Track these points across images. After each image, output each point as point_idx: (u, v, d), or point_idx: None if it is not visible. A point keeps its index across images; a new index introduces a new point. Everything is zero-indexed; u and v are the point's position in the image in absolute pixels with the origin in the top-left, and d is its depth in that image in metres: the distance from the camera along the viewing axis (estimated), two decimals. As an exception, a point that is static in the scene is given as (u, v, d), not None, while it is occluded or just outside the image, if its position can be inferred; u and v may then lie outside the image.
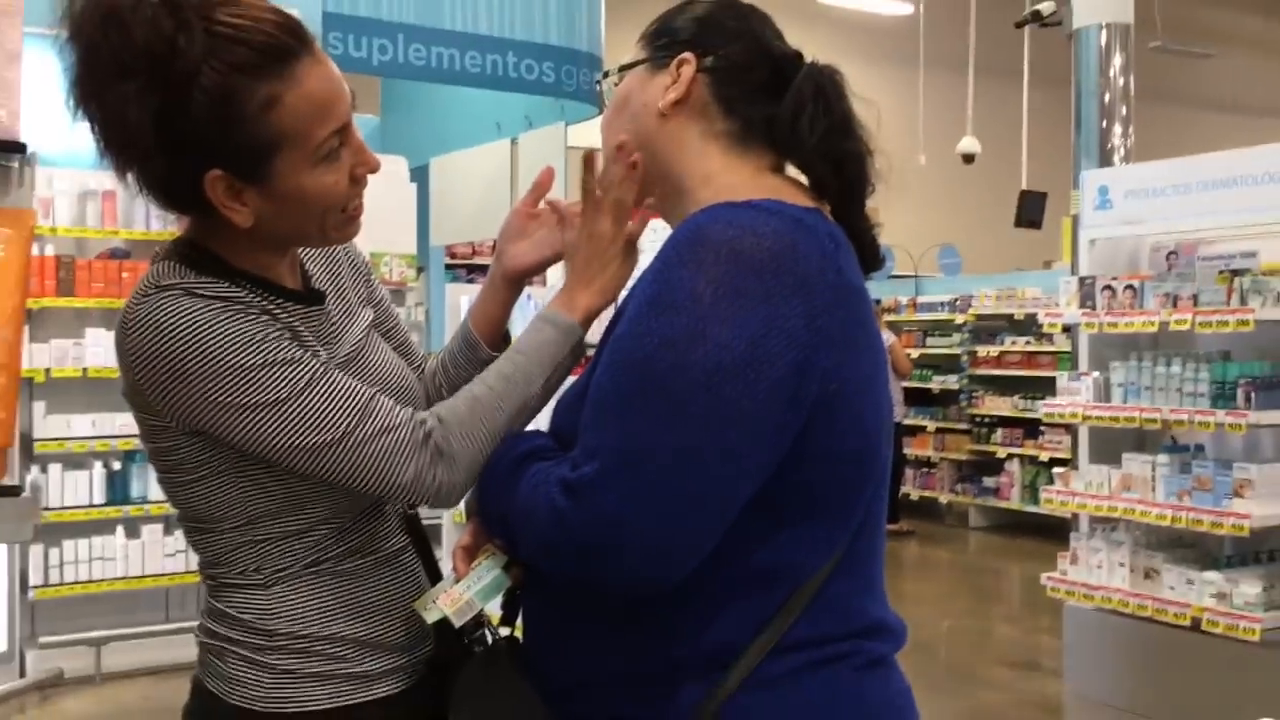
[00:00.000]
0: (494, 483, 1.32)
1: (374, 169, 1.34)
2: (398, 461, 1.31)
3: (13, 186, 1.02)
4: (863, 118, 1.35)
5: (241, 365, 1.26)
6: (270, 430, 1.27)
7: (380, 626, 1.42)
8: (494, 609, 1.39)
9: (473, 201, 7.27)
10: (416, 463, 1.31)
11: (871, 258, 1.35)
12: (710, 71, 1.35)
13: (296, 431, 1.28)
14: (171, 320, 1.26)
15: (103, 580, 5.25)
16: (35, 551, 5.12)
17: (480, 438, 1.34)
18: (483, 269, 8.87)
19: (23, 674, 5.07)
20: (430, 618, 1.36)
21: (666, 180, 1.38)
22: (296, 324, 1.36)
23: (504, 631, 1.39)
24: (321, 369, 1.31)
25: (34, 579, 5.14)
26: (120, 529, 5.30)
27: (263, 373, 1.27)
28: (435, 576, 1.50)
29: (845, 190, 1.33)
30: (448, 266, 8.47)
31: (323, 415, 1.28)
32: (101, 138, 1.28)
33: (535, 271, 1.57)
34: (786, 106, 1.33)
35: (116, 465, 5.31)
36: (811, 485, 1.22)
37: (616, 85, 1.43)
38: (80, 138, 1.30)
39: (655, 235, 4.47)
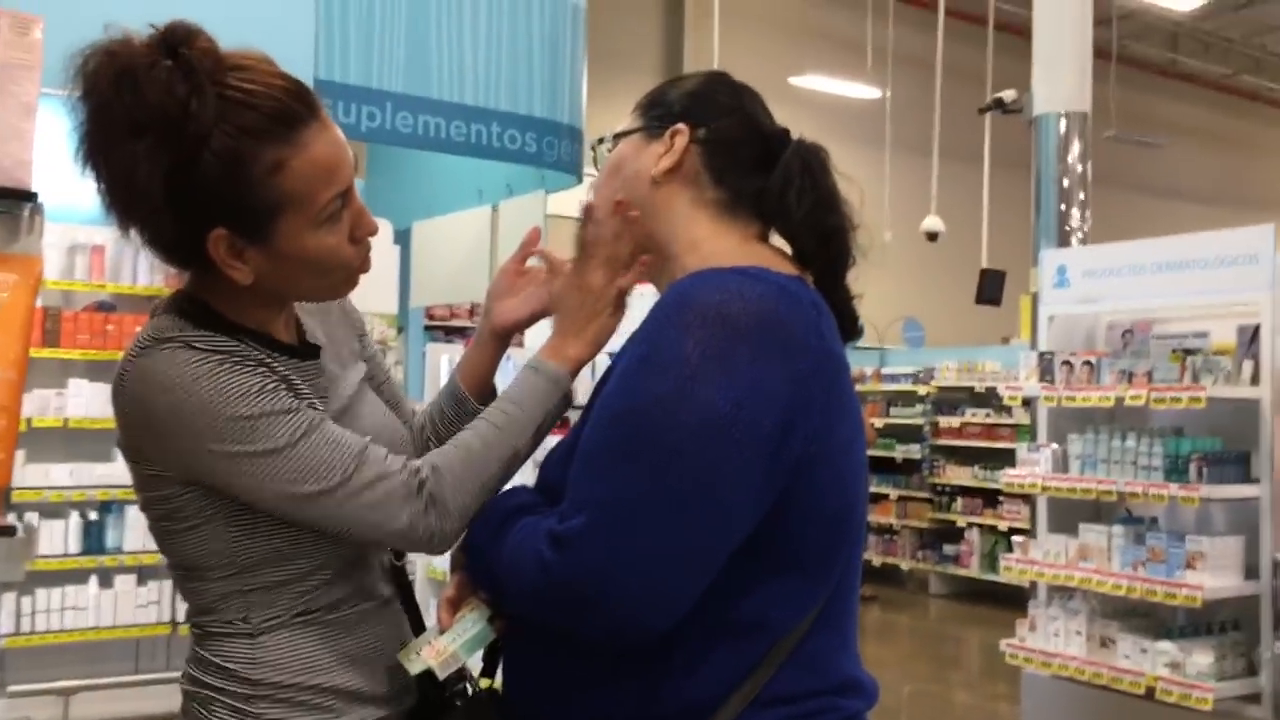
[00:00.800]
0: (482, 536, 1.34)
1: (372, 232, 1.37)
2: (391, 510, 1.32)
3: (22, 234, 1.11)
4: (845, 194, 1.41)
5: (238, 415, 1.28)
6: (266, 479, 1.29)
7: (366, 677, 1.42)
8: (474, 661, 1.42)
9: (453, 265, 7.40)
10: (410, 511, 1.33)
11: (851, 326, 1.40)
12: (703, 143, 1.40)
13: (292, 480, 1.29)
14: (169, 373, 1.28)
15: (74, 630, 5.24)
16: (8, 599, 5.12)
17: (472, 486, 1.36)
18: (460, 330, 8.99)
19: (-11, 723, 5.04)
20: (414, 669, 1.37)
21: (655, 245, 1.42)
22: (292, 377, 1.37)
23: (484, 683, 1.42)
24: (318, 419, 1.33)
25: (5, 627, 5.13)
26: (94, 579, 5.31)
27: (259, 422, 1.28)
28: (419, 628, 1.51)
29: (829, 262, 1.39)
30: (426, 328, 8.59)
31: (318, 464, 1.30)
32: (108, 194, 1.30)
33: (523, 326, 1.61)
34: (775, 180, 1.38)
35: (93, 515, 5.34)
36: (792, 542, 1.25)
37: (610, 151, 1.48)
38: (70, 192, 1.33)
39: (634, 296, 4.62)
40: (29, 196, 1.17)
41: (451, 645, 1.36)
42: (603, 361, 1.57)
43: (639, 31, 13.65)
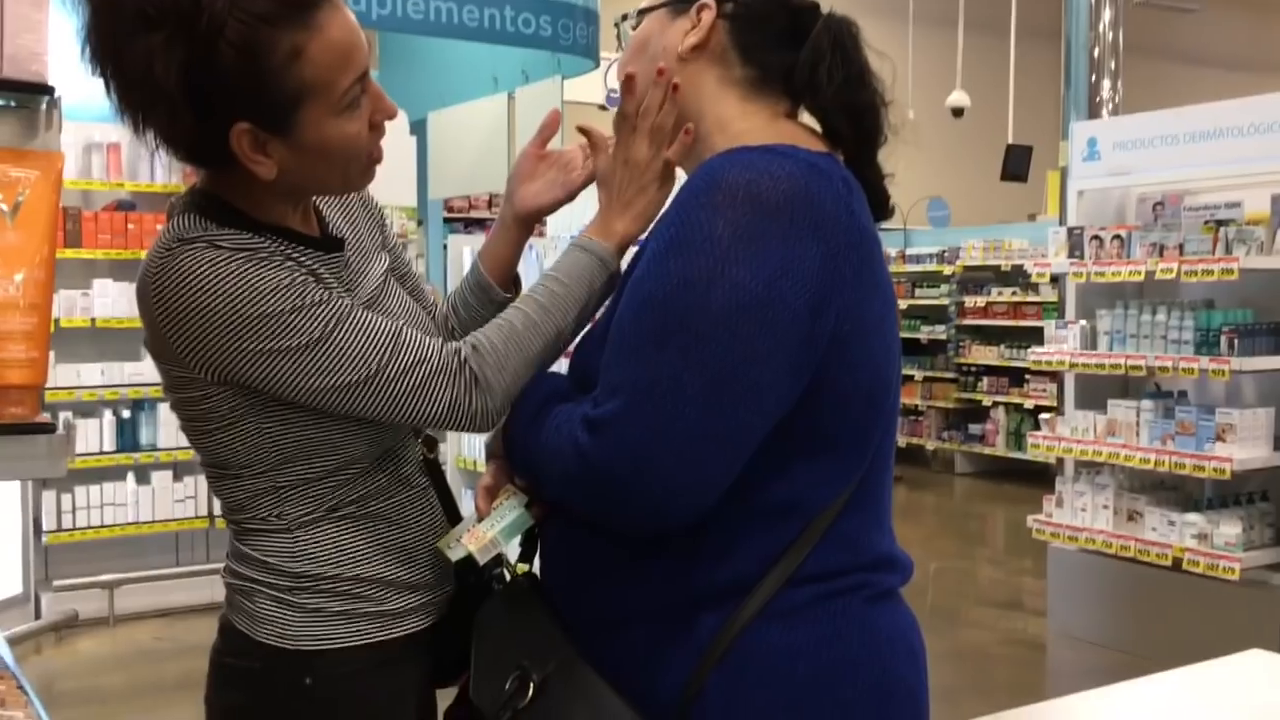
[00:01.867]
0: (518, 424, 1.34)
1: (392, 115, 1.34)
2: (434, 391, 1.32)
3: (40, 129, 1.08)
4: (876, 69, 1.36)
5: (271, 312, 1.26)
6: (305, 373, 1.28)
7: (404, 566, 1.44)
8: (511, 548, 1.42)
9: (470, 155, 7.32)
10: (453, 390, 1.32)
11: (882, 205, 1.36)
12: (730, 18, 1.35)
13: (332, 371, 1.28)
14: (198, 273, 1.26)
15: (114, 525, 5.36)
16: (48, 497, 5.23)
17: (515, 363, 1.35)
18: (479, 222, 8.94)
19: (38, 615, 5.20)
20: (454, 556, 1.39)
21: (682, 122, 1.38)
22: (319, 269, 1.36)
23: (521, 569, 1.43)
24: (348, 308, 1.31)
25: (47, 524, 5.26)
26: (130, 475, 5.41)
27: (293, 317, 1.27)
28: (454, 517, 1.52)
29: (860, 139, 1.35)
30: (445, 220, 8.54)
31: (356, 353, 1.29)
32: (122, 93, 1.26)
33: (546, 212, 1.57)
34: (805, 56, 1.34)
35: (126, 413, 5.41)
36: (825, 422, 1.24)
37: (634, 29, 1.44)
38: (84, 90, 1.28)
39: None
40: (46, 90, 1.14)
41: (490, 531, 1.36)
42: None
43: (652, -94, 13.22)
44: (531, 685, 1.28)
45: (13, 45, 1.13)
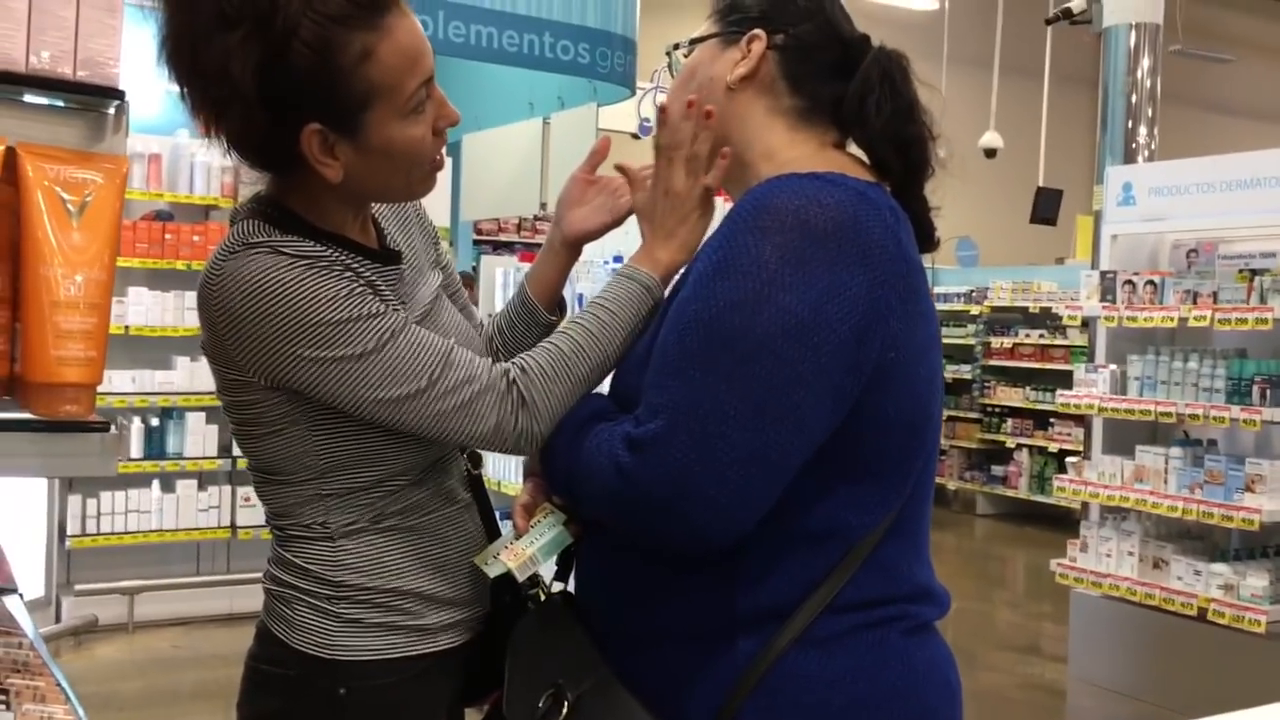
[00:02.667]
0: (558, 441, 1.34)
1: (455, 122, 1.36)
2: (480, 410, 1.32)
3: (108, 133, 1.10)
4: (927, 104, 1.37)
5: (327, 320, 1.28)
6: (356, 383, 1.29)
7: (445, 581, 1.44)
8: (547, 567, 1.42)
9: (503, 178, 7.37)
10: (499, 411, 1.33)
11: (928, 237, 1.38)
12: (780, 49, 1.37)
13: (382, 384, 1.30)
14: (260, 277, 1.28)
15: (137, 532, 5.39)
16: (73, 501, 5.27)
17: (562, 388, 1.36)
18: (507, 245, 9.00)
19: (58, 619, 5.22)
20: (492, 572, 1.39)
21: (724, 144, 1.39)
22: (376, 281, 1.37)
23: (557, 588, 1.43)
24: (403, 322, 1.33)
25: (71, 528, 5.29)
26: (156, 483, 5.44)
27: (348, 327, 1.28)
28: (494, 534, 1.52)
29: (907, 171, 1.36)
30: (475, 242, 8.60)
31: (407, 367, 1.30)
32: (198, 94, 1.27)
33: (593, 236, 1.59)
34: (854, 88, 1.35)
35: (155, 421, 5.45)
36: (867, 449, 1.25)
37: (685, 57, 1.45)
38: (126, 88, 1.28)
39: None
40: (117, 94, 1.16)
41: (529, 549, 1.37)
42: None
43: (691, -60, 13.35)
44: (566, 703, 1.28)
45: (86, 49, 1.16)
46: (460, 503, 1.50)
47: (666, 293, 1.42)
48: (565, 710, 1.28)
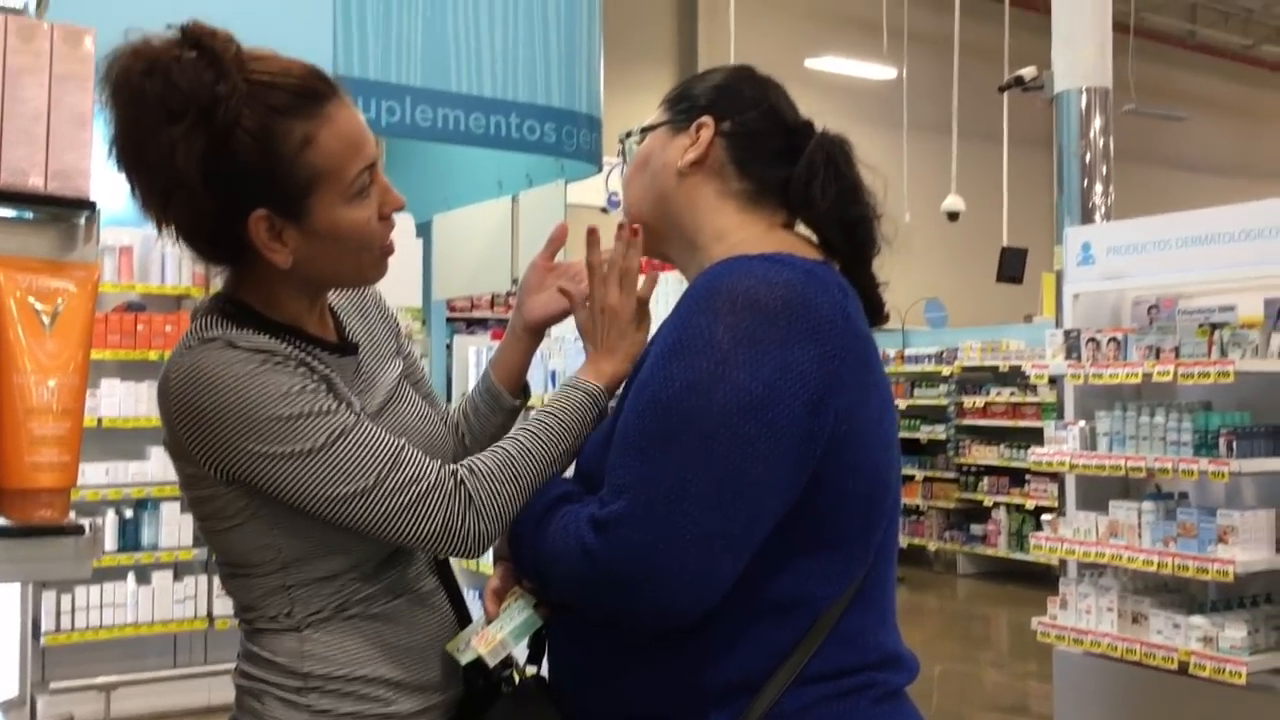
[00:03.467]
0: (525, 526, 1.36)
1: (399, 206, 1.42)
2: (428, 509, 1.34)
3: (79, 242, 1.13)
4: (869, 183, 1.44)
5: (277, 416, 1.30)
6: (304, 479, 1.31)
7: (413, 667, 1.45)
8: (519, 650, 1.43)
9: (474, 257, 7.44)
10: (446, 511, 1.35)
11: (877, 312, 1.43)
12: (727, 135, 1.43)
13: (329, 481, 1.31)
14: (213, 372, 1.31)
15: (113, 626, 5.33)
16: (48, 598, 5.20)
17: (509, 490, 1.38)
18: (481, 322, 9.04)
19: (34, 719, 5.13)
20: (464, 659, 1.40)
21: (683, 235, 1.45)
22: (332, 374, 1.39)
23: (530, 670, 1.44)
24: (354, 420, 1.35)
25: (46, 625, 5.22)
26: (131, 575, 5.39)
27: (297, 423, 1.30)
28: (464, 619, 1.54)
29: (854, 250, 1.42)
30: (448, 319, 8.63)
31: (355, 465, 1.32)
32: (146, 187, 1.32)
33: (555, 321, 1.63)
34: (800, 172, 1.41)
35: (129, 513, 5.41)
36: (826, 520, 1.28)
37: (638, 145, 1.52)
38: (97, 193, 1.32)
39: (667, 287, 4.62)
40: (87, 205, 1.20)
41: (500, 633, 1.38)
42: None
43: (653, 19, 13.63)
44: None
45: (58, 162, 1.19)
46: (424, 588, 1.51)
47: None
48: None
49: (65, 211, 1.21)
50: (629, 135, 1.55)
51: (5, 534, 1.19)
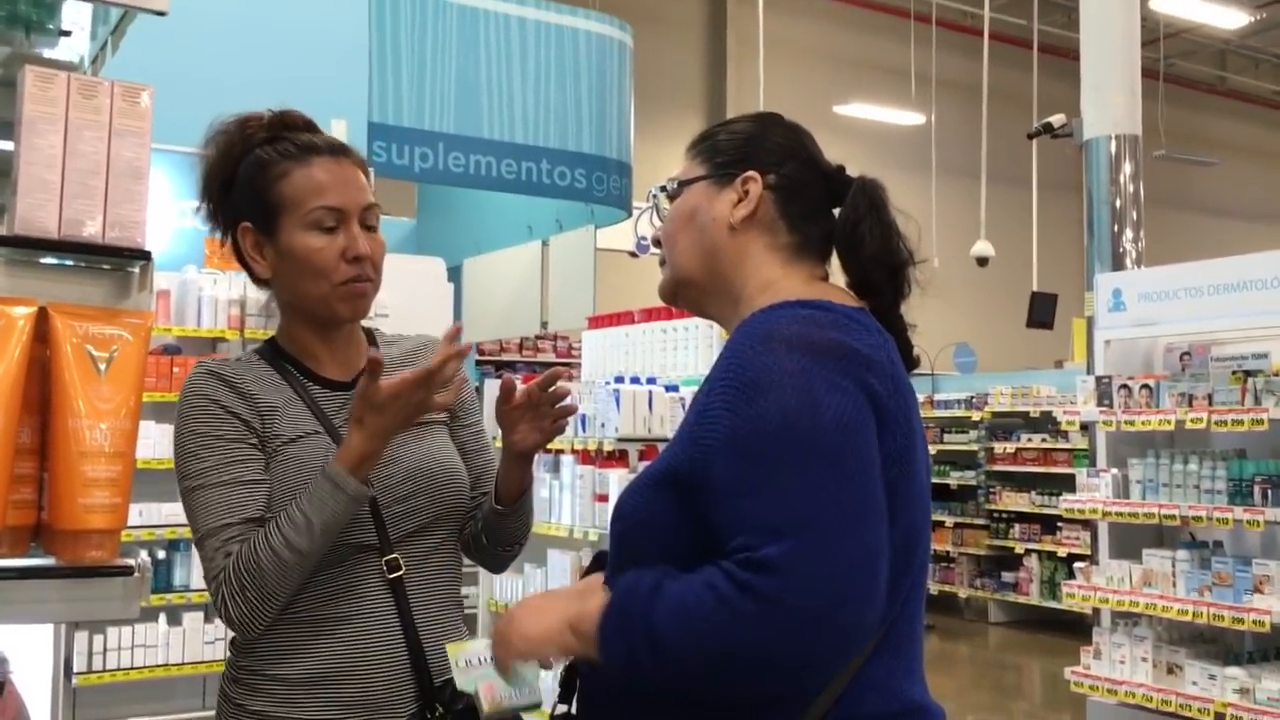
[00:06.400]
0: (616, 619, 1.25)
1: (355, 253, 1.61)
2: (212, 583, 1.53)
3: (134, 290, 1.18)
4: (904, 228, 1.44)
5: (184, 447, 1.58)
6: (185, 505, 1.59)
7: (340, 677, 1.55)
8: (547, 690, 1.45)
9: (504, 300, 7.50)
10: (219, 592, 1.53)
11: (907, 356, 1.42)
12: (774, 189, 1.43)
13: (189, 515, 1.58)
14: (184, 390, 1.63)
15: (144, 667, 5.34)
16: (80, 638, 5.23)
17: (257, 574, 1.51)
18: (510, 365, 9.09)
19: (63, 760, 5.15)
20: (463, 685, 1.42)
21: (729, 290, 1.45)
22: (320, 402, 1.65)
23: (561, 709, 1.42)
24: (215, 479, 1.55)
25: (78, 665, 5.25)
26: (163, 616, 5.41)
27: (186, 460, 1.57)
28: (412, 640, 1.59)
29: (894, 293, 1.42)
30: (477, 363, 8.68)
31: (193, 515, 1.57)
32: (207, 212, 1.69)
33: (539, 448, 1.76)
34: (845, 216, 1.42)
35: (161, 554, 5.45)
36: None
37: (668, 198, 1.50)
38: (150, 245, 1.42)
39: (687, 333, 4.62)
40: (143, 255, 1.24)
41: (508, 700, 1.41)
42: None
43: (682, 66, 13.78)
44: None
45: (115, 213, 1.23)
46: (371, 606, 1.60)
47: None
48: None
49: (121, 261, 1.25)
50: (662, 189, 1.54)
51: (57, 574, 1.22)
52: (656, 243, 1.54)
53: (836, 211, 1.46)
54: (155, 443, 5.38)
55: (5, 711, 1.87)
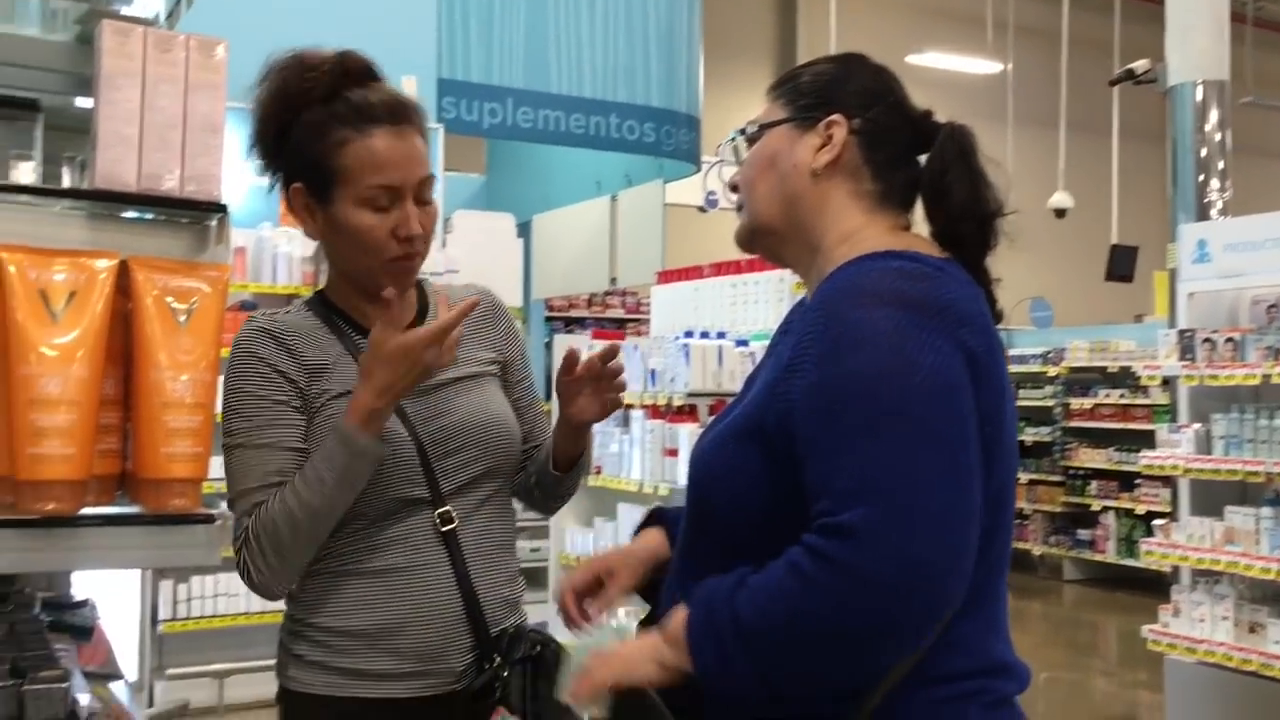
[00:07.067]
0: (712, 615, 1.21)
1: (411, 233, 1.58)
2: (235, 536, 1.53)
3: (210, 243, 1.19)
4: (992, 177, 1.38)
5: (229, 405, 1.60)
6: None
7: (396, 628, 1.57)
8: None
9: (573, 256, 7.52)
10: (241, 549, 1.55)
11: (993, 309, 1.36)
12: (859, 134, 1.37)
13: (227, 473, 1.60)
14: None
15: (226, 615, 5.50)
16: (165, 587, 5.40)
17: (280, 530, 1.53)
18: (579, 321, 9.11)
19: (151, 704, 5.33)
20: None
21: (808, 238, 1.39)
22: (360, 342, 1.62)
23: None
24: (254, 440, 1.57)
25: (163, 613, 5.42)
26: (244, 566, 5.56)
27: (231, 418, 1.59)
28: (467, 592, 1.61)
29: (982, 245, 1.36)
30: (546, 318, 8.73)
31: (230, 473, 1.59)
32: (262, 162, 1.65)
33: (598, 420, 1.74)
34: (933, 165, 1.37)
35: (242, 505, 5.59)
36: None
37: (749, 143, 1.45)
38: (227, 198, 1.43)
39: (757, 287, 4.57)
40: (219, 207, 1.25)
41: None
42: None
43: (752, 16, 13.59)
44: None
45: (191, 167, 1.25)
46: (425, 559, 1.61)
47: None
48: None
49: (198, 214, 1.26)
50: (743, 131, 1.47)
51: (141, 521, 1.25)
52: (734, 188, 1.48)
53: (923, 159, 1.41)
54: (234, 397, 5.51)
55: (95, 655, 1.94)
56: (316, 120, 1.55)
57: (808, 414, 1.22)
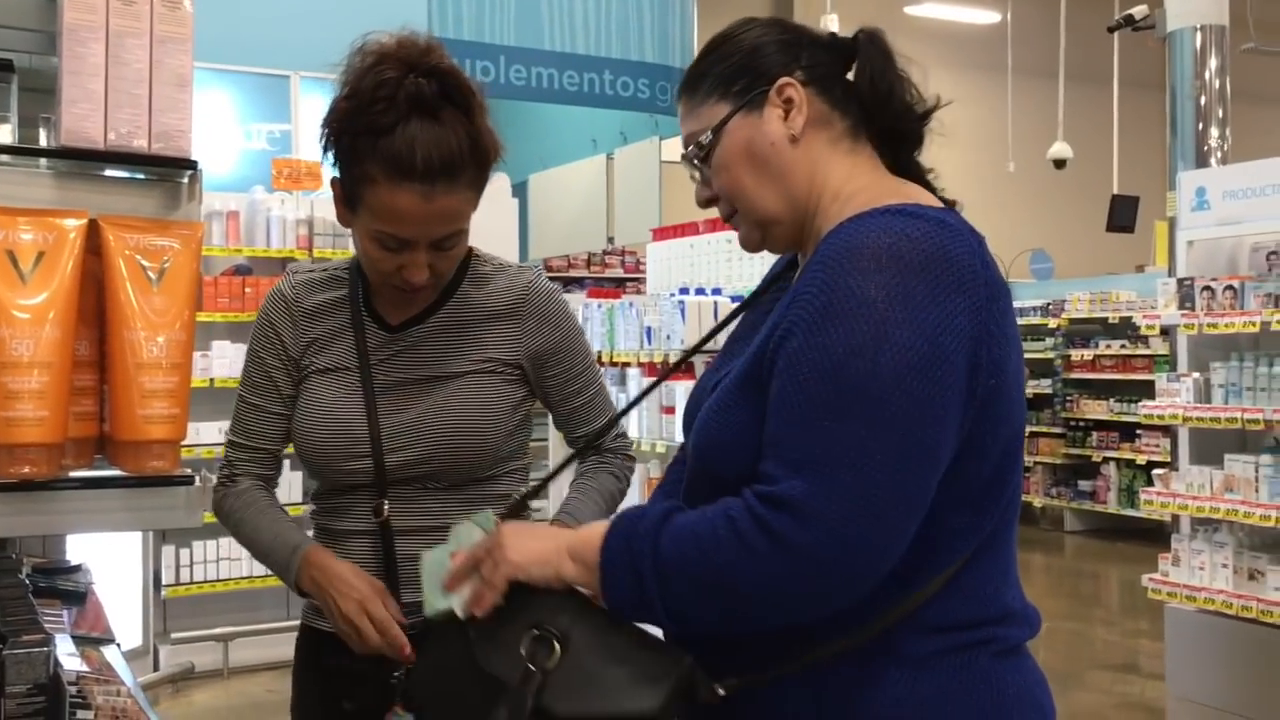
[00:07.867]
0: (631, 543, 1.23)
1: (410, 285, 1.63)
2: (218, 475, 1.74)
3: (183, 200, 1.17)
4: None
5: (245, 357, 1.80)
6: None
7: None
8: None
9: (569, 215, 7.48)
10: (216, 484, 1.76)
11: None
12: (810, 83, 1.35)
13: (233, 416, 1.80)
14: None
15: (229, 579, 5.53)
16: (167, 552, 5.42)
17: (228, 524, 1.82)
18: (577, 280, 9.08)
19: (156, 667, 5.37)
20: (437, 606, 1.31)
21: (806, 204, 1.36)
22: (369, 338, 1.71)
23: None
24: (251, 394, 1.77)
25: (166, 578, 5.44)
26: (246, 530, 5.58)
27: (243, 369, 1.79)
28: (390, 570, 1.67)
29: (920, 140, 1.38)
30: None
31: (234, 414, 1.79)
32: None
33: None
34: (866, 71, 1.36)
35: (241, 470, 5.59)
36: (967, 477, 1.24)
37: (702, 158, 1.37)
38: (204, 160, 1.40)
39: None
40: (189, 164, 1.23)
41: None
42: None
43: (747, -31, 13.42)
44: (555, 640, 1.23)
45: (159, 123, 1.22)
46: (353, 527, 1.73)
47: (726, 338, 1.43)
48: (557, 648, 1.22)
49: (169, 171, 1.24)
50: (699, 147, 1.38)
51: (120, 484, 1.23)
52: (711, 202, 1.42)
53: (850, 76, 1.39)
54: (231, 362, 5.48)
55: (93, 621, 1.94)
56: (362, 147, 1.56)
57: (781, 373, 1.22)
